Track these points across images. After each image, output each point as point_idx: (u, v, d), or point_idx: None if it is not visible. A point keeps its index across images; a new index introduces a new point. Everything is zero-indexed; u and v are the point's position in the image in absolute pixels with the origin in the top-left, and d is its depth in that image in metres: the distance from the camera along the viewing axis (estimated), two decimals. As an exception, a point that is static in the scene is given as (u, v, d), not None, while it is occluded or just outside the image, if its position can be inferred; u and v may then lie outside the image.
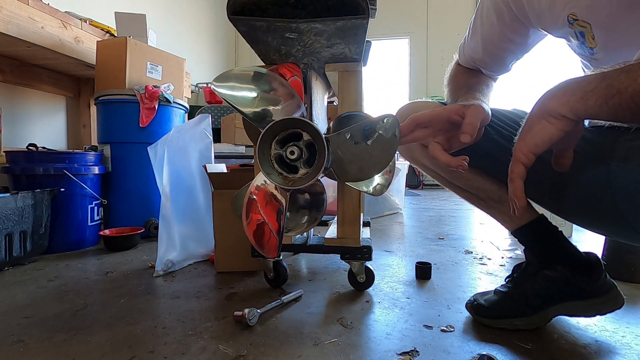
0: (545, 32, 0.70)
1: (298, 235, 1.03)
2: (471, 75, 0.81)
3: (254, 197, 0.75)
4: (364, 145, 0.71)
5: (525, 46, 0.75)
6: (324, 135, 0.67)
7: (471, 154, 0.77)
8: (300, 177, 0.72)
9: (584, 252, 0.77)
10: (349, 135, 0.71)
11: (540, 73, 4.20)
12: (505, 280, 0.85)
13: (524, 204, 0.50)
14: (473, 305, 0.83)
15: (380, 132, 0.68)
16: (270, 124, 0.69)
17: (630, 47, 0.56)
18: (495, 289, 0.84)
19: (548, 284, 0.76)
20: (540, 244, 0.79)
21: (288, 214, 0.87)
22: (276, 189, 0.74)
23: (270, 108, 0.72)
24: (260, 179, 0.76)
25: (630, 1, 0.52)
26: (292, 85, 0.75)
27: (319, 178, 0.70)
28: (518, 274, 0.82)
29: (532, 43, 0.75)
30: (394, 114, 0.87)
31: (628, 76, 0.40)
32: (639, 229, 0.57)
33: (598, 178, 0.60)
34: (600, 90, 0.42)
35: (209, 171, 1.19)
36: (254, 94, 0.71)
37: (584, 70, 0.70)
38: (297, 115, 0.73)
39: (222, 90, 0.67)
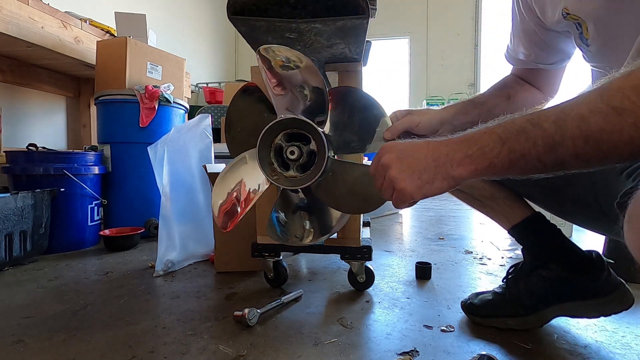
0: (549, 26, 0.70)
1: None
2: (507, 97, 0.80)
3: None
4: (353, 187, 0.74)
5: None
6: (327, 155, 0.68)
7: None
8: (287, 177, 0.73)
9: (587, 251, 0.75)
10: (349, 169, 0.73)
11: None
12: (502, 281, 0.85)
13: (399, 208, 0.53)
14: (466, 304, 0.84)
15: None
16: (288, 117, 0.69)
17: (619, 40, 0.57)
18: (492, 289, 0.84)
19: (543, 283, 0.75)
20: (537, 242, 0.78)
21: (283, 214, 0.87)
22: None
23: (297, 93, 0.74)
24: (247, 171, 0.78)
25: None
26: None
27: (304, 187, 0.72)
28: (513, 274, 0.82)
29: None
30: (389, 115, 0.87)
31: (527, 139, 0.39)
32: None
33: (584, 180, 0.63)
34: (504, 157, 0.41)
35: (209, 171, 1.19)
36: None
37: (585, 60, 0.70)
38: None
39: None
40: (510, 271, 0.83)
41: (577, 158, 0.37)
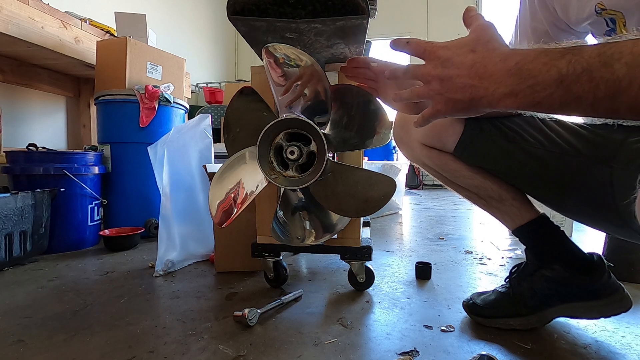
0: (568, 26, 0.70)
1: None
2: None
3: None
4: (352, 189, 0.74)
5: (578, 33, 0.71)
6: (327, 156, 0.68)
7: (474, 153, 0.78)
8: (286, 176, 0.73)
9: (588, 253, 0.76)
10: (348, 172, 0.73)
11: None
12: (505, 281, 0.85)
13: (421, 124, 0.51)
14: (469, 304, 0.84)
15: (377, 189, 0.72)
16: (290, 117, 0.69)
17: None
18: (494, 289, 0.84)
19: (546, 283, 0.76)
20: (540, 243, 0.78)
21: (281, 213, 0.87)
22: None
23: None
24: (246, 169, 0.78)
25: None
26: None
27: (302, 188, 0.72)
28: (516, 274, 0.82)
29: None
30: (393, 121, 0.87)
31: (590, 81, 0.34)
32: (637, 228, 0.58)
33: (601, 178, 0.61)
34: (556, 98, 0.37)
35: (209, 171, 1.19)
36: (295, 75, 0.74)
37: None
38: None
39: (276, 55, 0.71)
40: (513, 271, 0.83)
41: (631, 110, 0.32)
